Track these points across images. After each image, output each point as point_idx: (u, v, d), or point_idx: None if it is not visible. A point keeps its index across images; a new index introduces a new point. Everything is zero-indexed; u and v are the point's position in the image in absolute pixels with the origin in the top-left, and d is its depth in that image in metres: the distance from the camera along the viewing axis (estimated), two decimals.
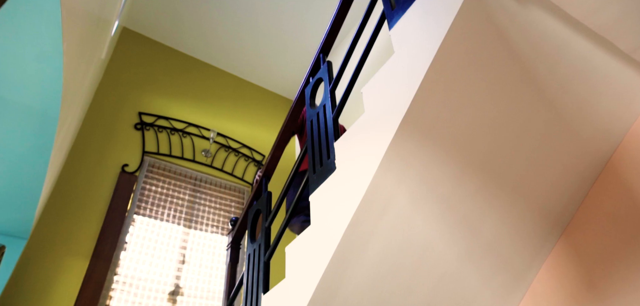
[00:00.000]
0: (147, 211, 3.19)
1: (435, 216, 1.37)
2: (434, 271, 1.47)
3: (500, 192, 1.40)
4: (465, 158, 1.29)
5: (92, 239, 2.76)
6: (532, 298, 1.64)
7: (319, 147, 1.64)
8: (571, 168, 1.47)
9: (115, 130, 3.37)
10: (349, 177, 1.33)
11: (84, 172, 3.00)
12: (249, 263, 1.99)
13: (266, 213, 2.01)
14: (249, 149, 4.10)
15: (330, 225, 1.35)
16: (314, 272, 1.36)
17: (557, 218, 1.56)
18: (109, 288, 2.68)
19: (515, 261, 1.58)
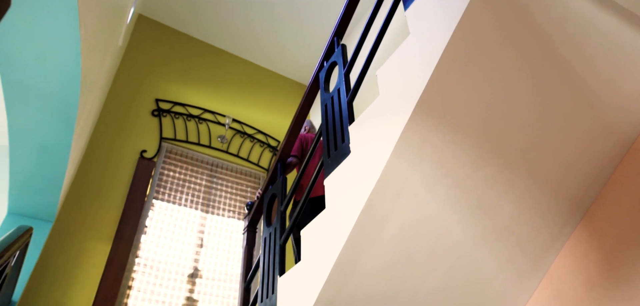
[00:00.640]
0: (165, 196, 3.27)
1: (451, 200, 1.35)
2: (449, 255, 1.47)
3: (519, 175, 1.37)
4: (483, 141, 1.27)
5: (113, 223, 2.85)
6: (550, 282, 1.61)
7: (334, 132, 1.64)
8: (594, 151, 1.43)
9: (132, 117, 3.44)
10: (364, 161, 1.33)
11: (104, 158, 3.08)
12: (265, 247, 2.02)
13: (281, 198, 2.03)
14: (264, 135, 4.13)
15: (345, 209, 1.35)
16: (329, 255, 1.37)
17: (577, 202, 1.52)
18: (131, 270, 2.77)
19: (533, 246, 1.56)
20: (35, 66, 1.49)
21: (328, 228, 1.45)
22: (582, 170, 1.46)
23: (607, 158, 1.47)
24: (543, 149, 1.34)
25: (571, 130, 1.35)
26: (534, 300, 1.66)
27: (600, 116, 1.37)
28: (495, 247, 1.51)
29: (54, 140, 1.87)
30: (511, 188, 1.39)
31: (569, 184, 1.47)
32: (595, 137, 1.40)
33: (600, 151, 1.44)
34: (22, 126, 1.81)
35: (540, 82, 1.24)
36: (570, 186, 1.47)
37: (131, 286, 2.73)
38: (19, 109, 1.67)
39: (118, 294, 2.58)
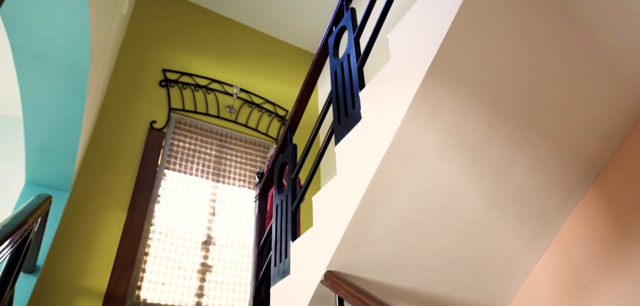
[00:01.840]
0: (176, 166, 3.31)
1: (463, 164, 1.35)
2: (460, 219, 1.48)
3: (532, 138, 1.36)
4: (496, 104, 1.25)
5: (127, 193, 2.91)
6: (561, 243, 1.63)
7: (344, 98, 1.62)
8: (610, 110, 1.40)
9: (140, 87, 3.44)
10: (375, 126, 1.32)
11: (115, 128, 3.12)
12: (277, 213, 2.06)
13: (292, 165, 2.05)
14: (272, 105, 4.11)
15: (357, 174, 1.36)
16: (341, 220, 1.39)
17: (591, 163, 1.50)
18: (147, 237, 2.86)
19: (544, 208, 1.56)
20: (45, 34, 1.49)
21: (339, 194, 1.47)
22: (596, 133, 1.44)
23: (624, 118, 1.44)
24: (558, 111, 1.32)
25: (587, 92, 1.32)
26: (544, 260, 1.68)
27: (619, 77, 1.33)
28: (506, 210, 1.52)
29: (66, 110, 1.89)
30: (523, 152, 1.38)
31: (582, 147, 1.45)
32: (611, 97, 1.37)
33: (617, 110, 1.41)
34: (35, 96, 1.83)
35: (558, 42, 1.21)
36: (583, 150, 1.46)
37: (148, 253, 2.82)
38: (30, 79, 1.68)
39: (136, 260, 2.68)
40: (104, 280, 2.53)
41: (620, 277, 1.41)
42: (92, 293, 2.47)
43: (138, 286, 2.69)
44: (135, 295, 2.64)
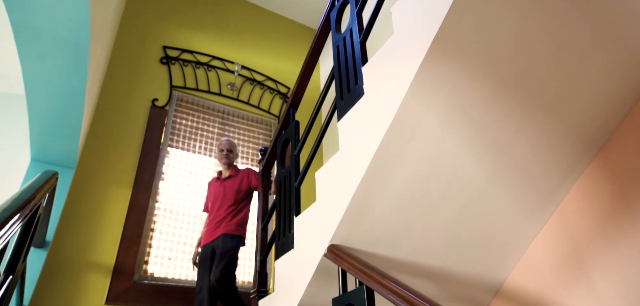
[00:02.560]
0: (179, 143, 3.33)
1: (465, 138, 1.36)
2: (462, 193, 1.50)
3: (535, 111, 1.36)
4: (499, 78, 1.24)
5: (132, 170, 2.94)
6: (561, 216, 1.65)
7: (346, 73, 1.62)
8: (615, 83, 1.39)
9: (141, 65, 3.42)
10: (378, 101, 1.32)
11: (117, 106, 3.12)
12: (280, 189, 2.09)
13: (294, 142, 2.06)
14: (274, 82, 4.09)
15: (359, 150, 1.37)
16: (343, 195, 1.41)
17: (593, 137, 1.51)
18: (152, 213, 2.91)
19: (546, 182, 1.57)
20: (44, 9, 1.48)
21: (342, 170, 1.48)
22: (600, 107, 1.43)
23: (628, 91, 1.43)
24: (562, 84, 1.32)
25: (592, 64, 1.31)
26: (544, 233, 1.71)
27: (625, 49, 1.32)
28: (508, 184, 1.53)
29: (68, 87, 1.89)
30: (526, 126, 1.39)
31: (586, 121, 1.45)
32: (617, 69, 1.35)
33: (621, 83, 1.40)
34: (37, 73, 1.83)
35: (564, 12, 1.19)
36: (587, 123, 1.46)
37: (153, 229, 2.87)
38: (31, 55, 1.67)
39: (142, 235, 2.73)
40: (112, 255, 2.59)
41: (620, 249, 1.43)
42: (101, 267, 2.54)
43: (145, 261, 2.75)
44: (142, 269, 2.70)
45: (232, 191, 2.58)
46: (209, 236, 2.48)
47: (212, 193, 2.65)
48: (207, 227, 2.54)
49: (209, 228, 2.52)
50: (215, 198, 2.60)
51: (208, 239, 2.48)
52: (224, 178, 2.68)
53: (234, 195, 2.57)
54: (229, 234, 2.46)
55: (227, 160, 2.71)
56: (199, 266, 2.47)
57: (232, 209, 2.54)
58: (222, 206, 2.54)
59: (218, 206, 2.55)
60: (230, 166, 2.72)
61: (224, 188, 2.61)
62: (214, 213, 2.54)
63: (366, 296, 1.22)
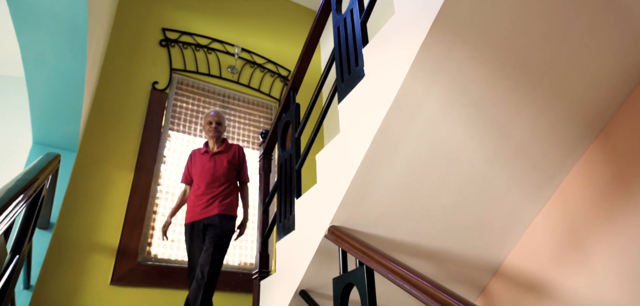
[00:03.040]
0: (180, 127, 3.33)
1: (465, 119, 1.36)
2: (461, 174, 1.51)
3: (535, 93, 1.35)
4: (499, 59, 1.24)
5: (133, 154, 2.96)
6: (561, 197, 1.66)
7: (347, 55, 1.61)
8: (617, 65, 1.38)
9: (141, 47, 3.40)
10: (378, 83, 1.32)
11: (117, 89, 3.12)
12: (281, 172, 2.10)
13: (295, 124, 2.06)
14: (274, 65, 4.07)
15: (360, 132, 1.37)
16: (344, 177, 1.42)
17: (594, 118, 1.50)
18: (154, 196, 2.93)
19: (546, 163, 1.58)
20: None
21: (343, 152, 1.49)
22: (601, 88, 1.43)
23: (629, 75, 1.42)
24: (565, 64, 1.31)
25: (595, 46, 1.30)
26: (543, 214, 1.72)
27: (628, 29, 1.30)
28: (508, 165, 1.54)
29: (67, 68, 1.89)
30: (527, 107, 1.38)
31: (587, 102, 1.45)
32: (621, 50, 1.34)
33: (622, 67, 1.39)
34: (36, 55, 1.82)
35: None
36: (588, 105, 1.45)
37: (156, 212, 2.90)
38: (29, 36, 1.66)
39: (145, 218, 2.76)
40: (115, 237, 2.62)
41: (619, 230, 1.44)
42: (105, 248, 2.58)
43: (148, 243, 2.79)
44: (146, 251, 2.74)
45: (224, 167, 2.46)
46: (201, 213, 2.34)
47: (199, 166, 2.47)
48: (196, 202, 2.37)
49: (199, 203, 2.36)
50: (203, 171, 2.44)
51: (199, 215, 2.34)
52: (214, 152, 2.52)
53: (226, 172, 2.45)
54: (227, 215, 2.37)
55: (216, 133, 2.54)
56: (191, 243, 2.33)
57: (225, 187, 2.43)
58: (215, 182, 2.41)
59: (209, 181, 2.40)
60: (218, 140, 2.57)
61: (214, 162, 2.47)
62: (204, 188, 2.39)
63: (366, 275, 1.25)
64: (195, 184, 2.43)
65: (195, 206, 2.37)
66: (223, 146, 2.55)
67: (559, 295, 1.60)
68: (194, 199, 2.40)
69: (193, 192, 2.43)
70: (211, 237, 2.27)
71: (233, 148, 2.56)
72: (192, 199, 2.41)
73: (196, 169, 2.47)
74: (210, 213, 2.32)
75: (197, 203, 2.36)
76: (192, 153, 2.60)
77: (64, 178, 2.44)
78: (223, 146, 2.55)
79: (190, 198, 2.44)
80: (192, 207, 2.39)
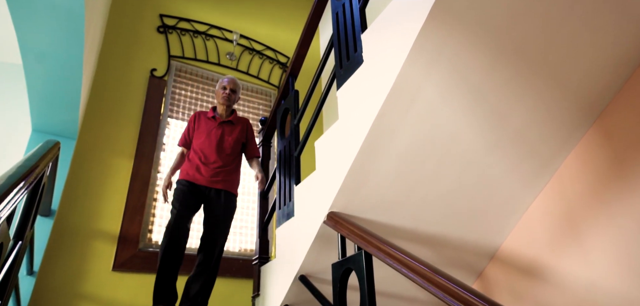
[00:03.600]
0: (179, 114, 3.33)
1: (464, 106, 1.36)
2: (460, 161, 1.52)
3: (535, 79, 1.35)
4: (500, 44, 1.23)
5: (133, 141, 2.96)
6: (558, 181, 1.67)
7: (346, 41, 1.60)
8: (617, 49, 1.37)
9: (138, 34, 3.37)
10: (377, 69, 1.32)
11: (116, 77, 3.10)
12: (280, 159, 2.11)
13: (294, 111, 2.06)
14: (273, 51, 4.04)
15: (358, 118, 1.38)
16: (343, 163, 1.43)
17: (592, 104, 1.51)
18: (155, 184, 2.94)
19: (544, 149, 1.59)
20: None
21: (341, 138, 1.49)
22: (600, 73, 1.43)
23: (627, 60, 1.42)
24: (564, 50, 1.31)
25: (594, 31, 1.30)
26: (539, 200, 1.74)
27: (627, 13, 1.30)
28: (506, 152, 1.55)
29: (65, 56, 1.88)
30: (526, 93, 1.39)
31: (585, 87, 1.45)
32: (620, 35, 1.34)
33: (621, 52, 1.39)
34: (32, 41, 1.81)
35: None
36: (586, 90, 1.46)
37: (156, 199, 2.92)
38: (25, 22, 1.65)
39: (145, 205, 2.78)
40: (116, 224, 2.64)
41: (614, 214, 1.46)
42: (107, 235, 2.60)
43: (149, 229, 2.81)
44: (147, 238, 2.76)
45: (233, 139, 2.30)
46: (204, 179, 2.17)
47: (205, 131, 2.28)
48: (201, 167, 2.18)
49: (204, 170, 2.18)
50: (209, 137, 2.26)
51: (202, 181, 2.16)
52: (224, 120, 2.34)
53: (234, 144, 2.30)
54: (232, 194, 2.24)
55: (228, 101, 2.35)
56: (185, 198, 2.11)
57: (232, 161, 2.28)
58: (222, 152, 2.25)
59: (217, 150, 2.23)
60: (228, 109, 2.38)
61: (222, 131, 2.29)
62: (212, 155, 2.21)
63: (364, 260, 1.27)
64: (198, 149, 2.24)
65: (200, 170, 2.18)
66: (232, 116, 2.38)
67: (555, 278, 1.63)
68: (198, 162, 2.20)
69: (195, 155, 2.23)
70: (220, 216, 2.14)
71: (242, 122, 2.41)
72: (195, 162, 2.21)
73: (201, 133, 2.28)
74: (216, 185, 2.17)
75: (202, 168, 2.18)
76: (196, 114, 2.38)
77: (64, 165, 2.45)
78: (232, 116, 2.38)
79: (191, 158, 2.24)
80: (194, 169, 2.18)
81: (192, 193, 2.14)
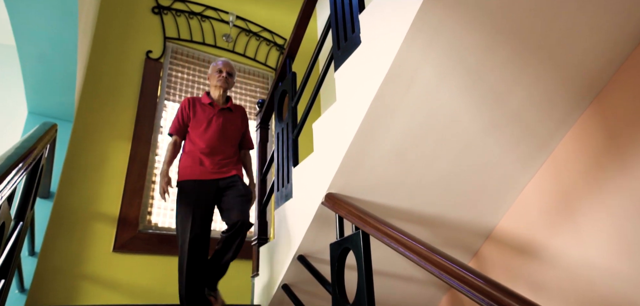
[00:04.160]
0: (176, 97, 3.31)
1: (462, 87, 1.36)
2: (457, 142, 1.53)
3: (533, 59, 1.35)
4: (499, 24, 1.23)
5: (130, 124, 2.95)
6: (554, 163, 1.69)
7: (343, 22, 1.59)
8: (614, 31, 1.37)
9: (133, 15, 3.32)
10: (375, 50, 1.31)
11: (111, 59, 3.07)
12: (278, 141, 2.11)
13: (292, 94, 2.06)
14: (270, 33, 4.00)
15: (356, 100, 1.38)
16: (340, 145, 1.44)
17: (590, 84, 1.51)
18: (153, 166, 2.95)
19: (540, 130, 1.60)
20: None
21: (339, 120, 1.50)
22: (598, 53, 1.43)
23: (625, 40, 1.42)
24: (562, 31, 1.30)
25: (593, 10, 1.29)
26: (535, 180, 1.76)
27: None
28: (504, 133, 1.56)
29: (59, 37, 1.86)
30: (523, 74, 1.39)
31: (583, 68, 1.45)
32: (616, 19, 1.34)
33: (619, 32, 1.39)
34: (25, 22, 1.79)
35: None
36: (584, 70, 1.46)
37: (154, 181, 2.93)
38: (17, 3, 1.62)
39: (144, 188, 2.79)
40: (116, 206, 2.66)
41: (608, 195, 1.48)
42: (107, 217, 2.61)
43: (148, 211, 2.83)
44: (146, 219, 2.79)
45: (236, 128, 2.15)
46: (214, 172, 1.96)
47: (204, 119, 2.07)
48: (204, 160, 1.98)
49: (209, 163, 1.98)
50: (210, 127, 2.06)
51: (212, 174, 1.95)
52: (222, 107, 2.15)
53: (237, 135, 2.15)
54: (242, 180, 2.07)
55: (226, 84, 2.17)
56: (196, 204, 1.89)
57: (235, 151, 2.12)
58: (226, 142, 2.07)
59: (221, 140, 2.05)
60: (225, 94, 2.20)
61: (223, 119, 2.10)
62: (217, 145, 2.02)
63: (362, 240, 1.29)
64: (198, 139, 2.02)
65: (204, 163, 1.97)
66: (229, 103, 2.20)
67: (549, 257, 1.66)
68: (200, 156, 1.98)
69: (194, 147, 2.02)
70: (240, 196, 1.94)
71: (240, 109, 2.25)
72: (196, 155, 1.99)
73: (200, 122, 2.06)
74: (228, 173, 1.97)
75: (206, 161, 1.97)
76: (190, 100, 2.13)
77: (62, 148, 2.44)
78: (229, 103, 2.20)
79: (190, 151, 2.02)
80: (198, 163, 1.97)
81: (202, 195, 1.92)
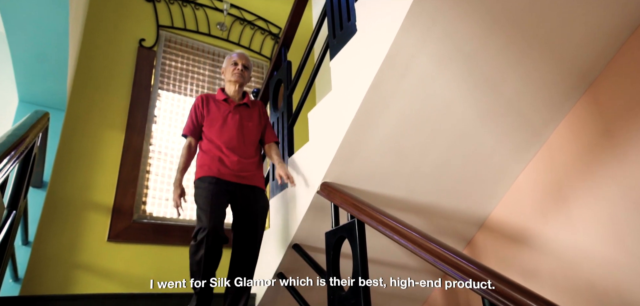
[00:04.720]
0: (170, 86, 3.27)
1: (457, 76, 1.36)
2: (452, 131, 1.53)
3: (528, 48, 1.36)
4: (495, 13, 1.23)
5: (123, 113, 2.91)
6: (548, 152, 1.70)
7: (339, 10, 1.58)
8: (609, 20, 1.38)
9: (126, 2, 3.26)
10: (370, 39, 1.31)
11: (103, 47, 3.02)
12: (274, 129, 2.11)
13: (287, 83, 2.05)
14: (265, 22, 3.95)
15: (352, 89, 1.38)
16: (336, 134, 1.44)
17: (585, 73, 1.52)
18: (147, 156, 2.92)
19: (535, 118, 1.61)
20: None
21: (335, 109, 1.50)
22: (594, 41, 1.43)
23: (620, 29, 1.43)
24: (557, 20, 1.30)
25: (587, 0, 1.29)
26: (529, 169, 1.77)
27: None
28: (498, 122, 1.57)
29: (49, 23, 1.82)
30: (519, 62, 1.39)
31: (578, 56, 1.45)
32: (610, 8, 1.34)
33: (614, 21, 1.39)
34: (15, 9, 1.75)
35: None
36: (579, 59, 1.46)
37: (149, 171, 2.91)
38: None
39: (138, 177, 2.77)
40: (110, 196, 2.64)
41: (601, 184, 1.50)
42: (101, 206, 2.60)
43: (143, 201, 2.81)
44: (141, 209, 2.77)
45: (254, 126, 1.93)
46: (231, 174, 1.78)
47: (220, 117, 1.89)
48: (226, 160, 1.80)
49: (229, 163, 1.79)
50: (226, 123, 1.87)
51: (229, 176, 1.78)
52: (239, 103, 1.94)
53: (256, 132, 1.93)
54: (263, 191, 1.86)
55: (242, 79, 1.96)
56: (217, 197, 1.71)
57: (255, 152, 1.91)
58: (245, 141, 1.88)
59: (239, 138, 1.86)
60: (241, 89, 2.00)
61: (241, 117, 1.90)
62: (235, 145, 1.84)
63: (357, 228, 1.29)
64: (215, 138, 1.86)
65: (224, 162, 1.80)
66: (246, 98, 2.00)
67: (541, 244, 1.69)
68: (219, 154, 1.82)
69: (212, 146, 1.86)
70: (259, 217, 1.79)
71: (257, 104, 2.04)
72: (215, 154, 1.83)
73: (215, 120, 1.89)
74: (250, 182, 1.81)
75: (226, 160, 1.81)
76: (203, 97, 1.95)
77: (54, 137, 2.41)
78: (246, 98, 2.00)
79: (208, 150, 1.86)
80: (217, 161, 1.80)
81: (222, 193, 1.75)
